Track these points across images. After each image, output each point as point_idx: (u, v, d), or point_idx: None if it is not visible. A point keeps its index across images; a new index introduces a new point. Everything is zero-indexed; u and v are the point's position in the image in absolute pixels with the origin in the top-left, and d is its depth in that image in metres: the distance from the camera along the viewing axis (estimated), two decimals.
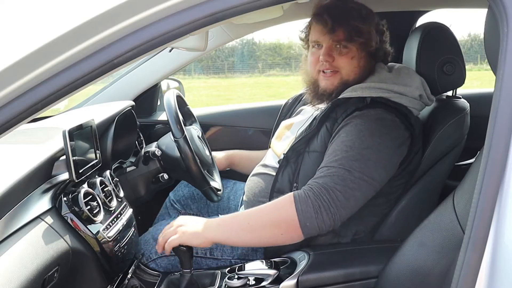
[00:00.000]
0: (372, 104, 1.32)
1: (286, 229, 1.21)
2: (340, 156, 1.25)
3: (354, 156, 1.24)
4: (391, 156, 1.29)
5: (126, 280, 1.39)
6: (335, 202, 1.20)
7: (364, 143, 1.26)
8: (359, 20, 1.36)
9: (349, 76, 1.39)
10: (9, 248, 0.96)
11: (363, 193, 1.25)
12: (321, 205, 1.19)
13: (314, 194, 1.20)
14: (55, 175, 1.23)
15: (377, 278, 1.21)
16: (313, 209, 1.18)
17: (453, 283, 0.73)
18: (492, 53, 0.81)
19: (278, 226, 1.22)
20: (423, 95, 1.38)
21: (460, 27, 18.21)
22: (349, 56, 1.37)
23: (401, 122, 1.31)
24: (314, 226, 1.19)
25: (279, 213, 1.22)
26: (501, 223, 0.69)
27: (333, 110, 1.36)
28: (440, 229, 1.01)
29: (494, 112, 0.70)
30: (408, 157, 1.33)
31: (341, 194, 1.21)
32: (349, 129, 1.29)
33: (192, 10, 0.74)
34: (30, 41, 0.72)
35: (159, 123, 2.19)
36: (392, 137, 1.29)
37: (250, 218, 1.25)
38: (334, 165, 1.25)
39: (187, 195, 1.80)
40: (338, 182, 1.22)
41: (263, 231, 1.23)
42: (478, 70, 12.79)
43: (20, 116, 0.74)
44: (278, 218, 1.22)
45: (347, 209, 1.23)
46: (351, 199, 1.22)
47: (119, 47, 0.74)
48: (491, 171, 0.70)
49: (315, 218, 1.18)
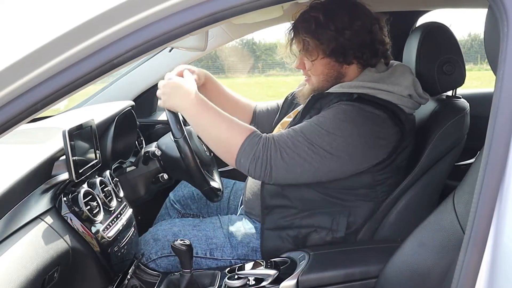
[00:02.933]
0: (357, 99, 1.31)
1: (226, 153, 1.31)
2: (307, 128, 1.27)
3: (321, 132, 1.26)
4: (363, 147, 1.28)
5: (126, 280, 1.39)
6: (276, 161, 1.25)
7: (336, 125, 1.26)
8: (313, 26, 1.34)
9: (318, 84, 1.41)
10: (9, 248, 0.96)
11: (313, 167, 1.26)
12: (260, 156, 1.25)
13: (263, 145, 1.25)
14: (55, 175, 1.23)
15: (377, 278, 1.21)
16: (254, 155, 1.25)
17: (453, 283, 0.73)
18: (492, 53, 0.81)
19: (221, 146, 1.31)
20: (413, 94, 1.37)
21: (460, 27, 18.21)
22: (309, 63, 1.39)
23: (389, 117, 1.30)
24: (245, 166, 1.27)
25: (228, 137, 1.29)
26: (501, 223, 0.69)
27: (316, 102, 1.37)
28: (440, 229, 1.01)
29: (494, 112, 0.70)
30: (395, 151, 1.32)
31: (287, 156, 1.25)
32: (327, 111, 1.31)
33: (192, 10, 0.74)
34: (30, 41, 0.72)
35: (159, 123, 2.19)
36: (371, 129, 1.28)
37: (208, 123, 1.31)
38: (297, 130, 1.28)
39: (187, 195, 1.80)
40: (289, 145, 1.25)
41: (210, 140, 1.34)
42: (478, 70, 12.77)
43: (20, 116, 0.74)
44: (225, 141, 1.29)
45: (284, 172, 1.26)
46: (294, 166, 1.25)
47: (119, 47, 0.74)
48: (491, 171, 0.70)
49: (249, 161, 1.26)
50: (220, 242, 1.46)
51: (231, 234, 1.47)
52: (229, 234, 1.47)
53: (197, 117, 1.32)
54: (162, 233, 1.49)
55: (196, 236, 1.47)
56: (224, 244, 1.46)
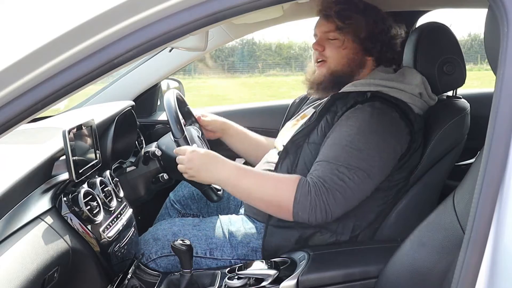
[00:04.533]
0: (372, 98, 1.34)
1: (279, 209, 1.30)
2: (340, 152, 1.28)
3: (353, 152, 1.26)
4: (390, 152, 1.30)
5: (126, 280, 1.39)
6: (332, 202, 1.24)
7: (363, 139, 1.28)
8: (353, 10, 1.40)
9: (337, 67, 1.43)
10: (9, 248, 0.95)
11: (361, 191, 1.28)
12: (317, 204, 1.24)
13: (315, 192, 1.24)
14: (55, 175, 1.23)
15: (377, 278, 1.21)
16: (310, 204, 1.24)
17: (453, 283, 0.73)
18: (492, 53, 0.81)
19: (273, 205, 1.30)
20: (423, 93, 1.40)
21: (460, 27, 18.21)
22: (336, 45, 1.42)
23: (400, 118, 1.32)
24: (304, 218, 1.26)
25: (278, 194, 1.27)
26: (501, 223, 0.69)
27: (333, 104, 1.38)
28: (440, 229, 1.01)
29: (494, 112, 0.70)
30: (407, 153, 1.33)
31: (340, 194, 1.25)
32: (349, 123, 1.31)
33: (192, 10, 0.74)
34: (30, 41, 0.72)
35: (159, 123, 2.19)
36: (391, 133, 1.30)
37: (252, 186, 1.30)
38: (333, 161, 1.27)
39: (187, 195, 1.80)
40: (337, 182, 1.25)
41: (258, 202, 1.32)
42: (478, 70, 12.78)
43: (20, 116, 0.74)
44: (275, 198, 1.28)
45: (343, 208, 1.27)
46: (350, 199, 1.26)
47: (119, 47, 0.74)
48: (491, 171, 0.70)
49: (308, 212, 1.25)
50: (220, 242, 1.46)
51: (231, 234, 1.47)
52: (229, 234, 1.47)
53: (240, 184, 1.31)
54: (162, 233, 1.49)
55: (196, 235, 1.47)
56: (224, 244, 1.46)
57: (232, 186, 1.33)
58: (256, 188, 1.30)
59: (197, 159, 1.33)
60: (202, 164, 1.33)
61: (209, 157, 1.33)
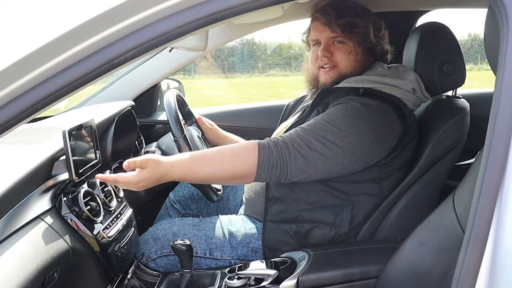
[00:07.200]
0: (364, 94, 1.35)
1: (245, 179, 1.28)
2: (318, 127, 1.28)
3: (332, 129, 1.26)
4: (373, 141, 1.29)
5: (126, 280, 1.39)
6: (291, 165, 1.24)
7: (346, 121, 1.28)
8: (355, 16, 1.40)
9: (347, 70, 1.43)
10: (9, 248, 0.96)
11: (327, 166, 1.27)
12: (278, 163, 1.24)
13: (277, 151, 1.24)
14: (55, 175, 1.23)
15: (377, 278, 1.21)
16: (270, 164, 1.24)
17: (453, 283, 0.73)
18: (492, 53, 0.81)
19: (238, 177, 1.26)
20: (416, 89, 1.41)
21: (460, 27, 18.22)
22: (346, 50, 1.42)
23: (393, 111, 1.33)
24: (265, 177, 1.25)
25: (241, 166, 1.24)
26: (501, 223, 0.69)
27: (324, 97, 1.39)
28: (440, 229, 1.01)
29: (494, 112, 0.70)
30: (399, 146, 1.34)
31: (302, 159, 1.25)
32: (336, 107, 1.32)
33: (192, 10, 0.74)
34: (30, 41, 0.72)
35: (159, 123, 2.19)
36: (379, 123, 1.30)
37: (212, 169, 1.23)
38: (308, 129, 1.28)
39: (187, 195, 1.80)
40: (304, 147, 1.25)
41: (224, 181, 1.33)
42: (478, 70, 12.79)
43: (20, 116, 0.74)
44: (238, 171, 1.25)
45: (300, 174, 1.26)
46: (310, 168, 1.26)
47: (119, 47, 0.74)
48: (491, 171, 0.70)
49: (268, 171, 1.24)
50: (220, 242, 1.46)
51: (231, 234, 1.47)
52: (229, 234, 1.47)
53: (200, 173, 1.23)
54: (161, 233, 1.49)
55: (196, 235, 1.47)
56: (224, 244, 1.46)
57: (192, 179, 1.29)
58: (217, 169, 1.23)
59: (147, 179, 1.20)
60: (147, 172, 1.19)
61: (154, 168, 1.19)
